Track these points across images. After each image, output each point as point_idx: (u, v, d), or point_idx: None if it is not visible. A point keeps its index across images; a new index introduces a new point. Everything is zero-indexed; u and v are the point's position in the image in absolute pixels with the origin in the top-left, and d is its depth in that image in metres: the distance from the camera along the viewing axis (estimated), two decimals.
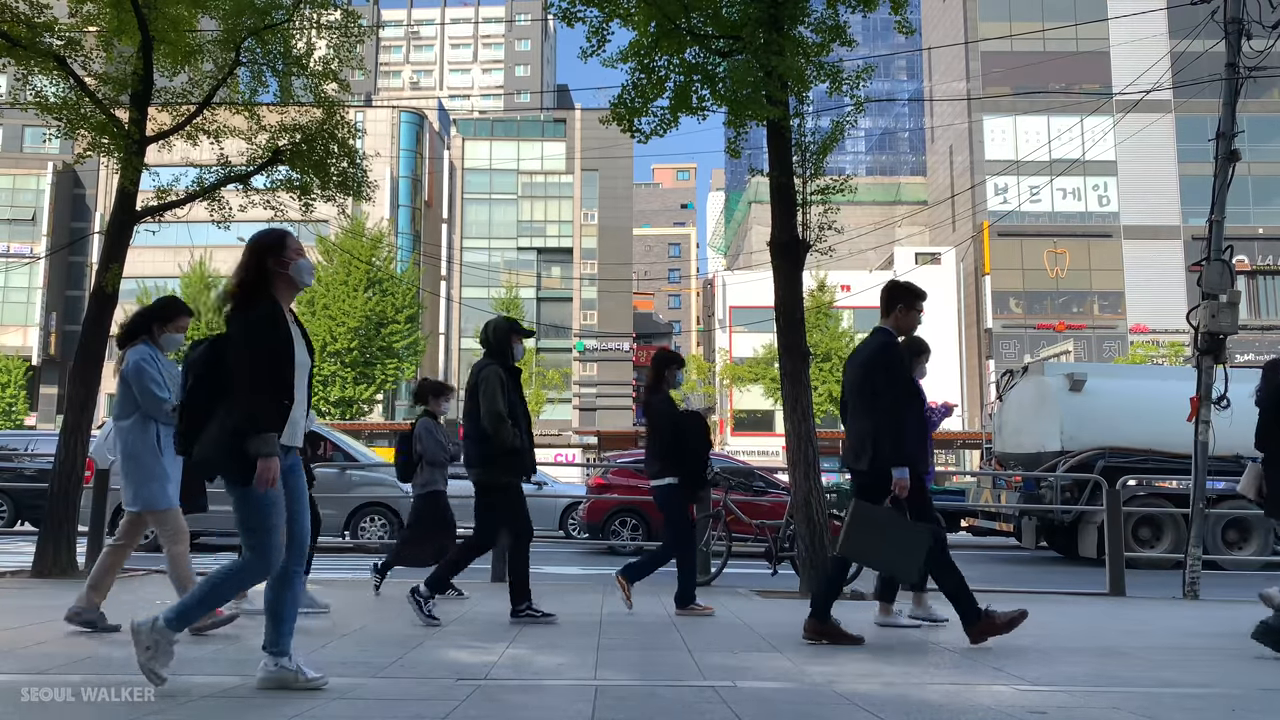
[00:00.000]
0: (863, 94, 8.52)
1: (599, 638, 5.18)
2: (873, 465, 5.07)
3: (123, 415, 5.03)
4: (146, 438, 4.99)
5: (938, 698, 3.77)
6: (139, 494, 4.99)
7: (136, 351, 5.05)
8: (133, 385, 4.97)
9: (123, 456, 5.02)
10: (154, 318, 5.20)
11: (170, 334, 5.22)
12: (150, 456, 4.99)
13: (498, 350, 5.90)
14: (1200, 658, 4.97)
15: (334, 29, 9.53)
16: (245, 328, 3.61)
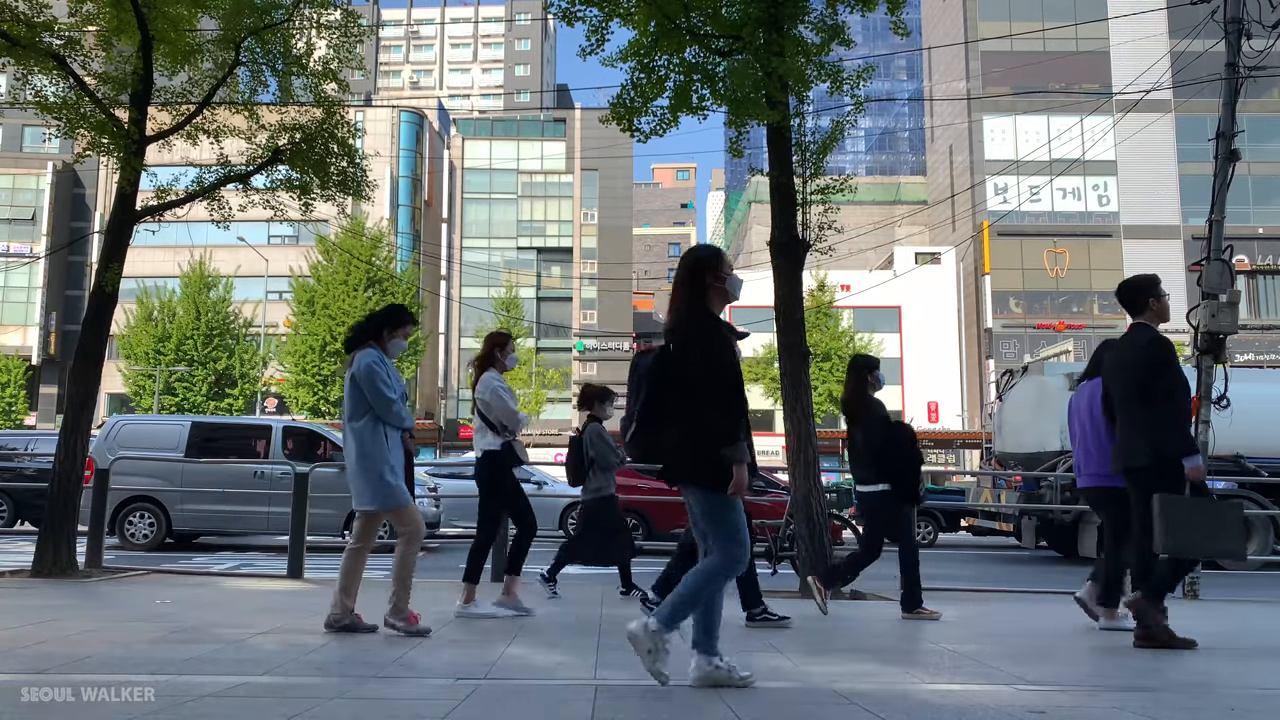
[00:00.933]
0: (863, 94, 8.52)
1: (599, 637, 5.17)
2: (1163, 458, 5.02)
3: (355, 416, 5.13)
4: (378, 437, 5.10)
5: (938, 698, 3.77)
6: (376, 493, 5.07)
7: (366, 355, 5.17)
8: (364, 387, 5.08)
9: (356, 456, 5.11)
10: (384, 323, 5.34)
11: (397, 340, 5.36)
12: (382, 456, 5.09)
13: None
14: (1200, 657, 4.97)
15: (334, 29, 9.53)
16: (716, 343, 3.79)
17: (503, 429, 6.22)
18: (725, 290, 3.93)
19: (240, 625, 5.42)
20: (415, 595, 5.27)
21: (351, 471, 5.15)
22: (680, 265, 3.97)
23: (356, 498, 5.17)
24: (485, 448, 6.25)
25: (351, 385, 5.13)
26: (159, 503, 12.62)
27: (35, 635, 4.91)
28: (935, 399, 47.45)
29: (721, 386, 3.73)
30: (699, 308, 3.86)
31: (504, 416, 6.18)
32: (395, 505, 5.10)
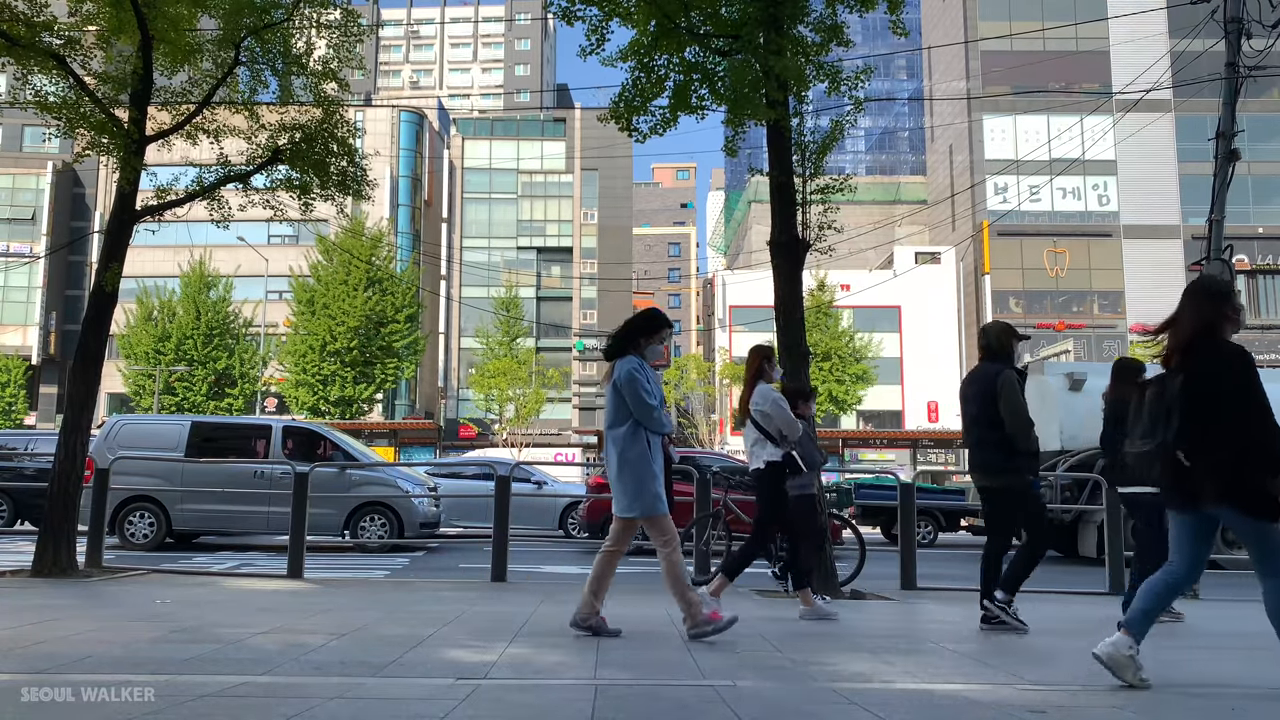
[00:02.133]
0: (862, 94, 8.51)
1: (599, 638, 5.17)
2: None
3: (616, 423, 5.15)
4: (639, 444, 5.12)
5: (937, 698, 3.77)
6: (637, 500, 5.08)
7: (627, 362, 5.18)
8: (625, 394, 5.10)
9: (617, 463, 5.12)
10: (641, 330, 5.33)
11: (654, 345, 5.35)
12: (645, 463, 5.11)
13: (1003, 353, 5.98)
14: (1200, 657, 4.97)
15: (333, 28, 9.53)
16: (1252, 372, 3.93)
17: (783, 439, 6.30)
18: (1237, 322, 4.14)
19: (240, 625, 5.42)
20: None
21: (612, 477, 5.17)
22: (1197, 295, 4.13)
23: (616, 503, 5.17)
24: (768, 459, 6.33)
25: (613, 392, 5.15)
26: (159, 502, 12.62)
27: (35, 635, 4.91)
28: (935, 399, 47.44)
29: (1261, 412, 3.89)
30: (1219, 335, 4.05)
31: (785, 427, 6.27)
32: (654, 513, 5.09)
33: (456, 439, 45.95)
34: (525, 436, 41.82)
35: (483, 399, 42.55)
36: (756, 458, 6.38)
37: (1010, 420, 5.67)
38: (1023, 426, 5.67)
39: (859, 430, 44.48)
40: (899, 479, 9.62)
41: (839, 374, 40.76)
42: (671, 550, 5.12)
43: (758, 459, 6.36)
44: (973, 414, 5.90)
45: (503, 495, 8.56)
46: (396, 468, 16.86)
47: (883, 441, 42.43)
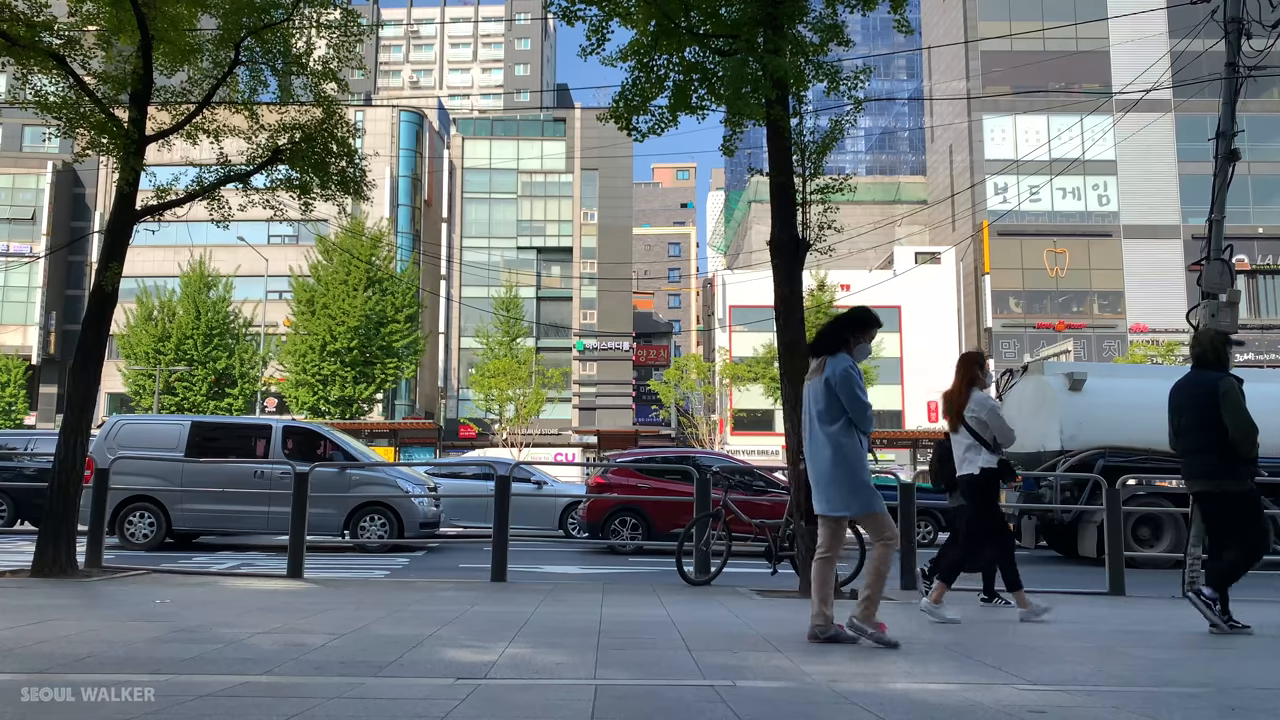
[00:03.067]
0: (861, 94, 8.51)
1: (599, 637, 5.17)
2: None
3: (829, 421, 5.13)
4: (853, 442, 5.11)
5: (937, 698, 3.77)
6: (854, 497, 5.07)
7: (841, 360, 5.17)
8: (840, 392, 5.09)
9: (831, 462, 5.10)
10: (851, 329, 5.35)
11: (864, 344, 5.38)
12: (861, 461, 5.11)
13: (1217, 360, 6.12)
14: (1200, 657, 4.97)
15: (333, 28, 9.53)
16: None
17: (997, 446, 6.37)
18: None
19: (240, 625, 5.42)
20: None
21: (825, 477, 5.12)
22: None
23: (828, 503, 5.13)
24: (983, 465, 6.43)
25: (826, 390, 5.12)
26: (159, 502, 12.62)
27: (35, 635, 4.91)
28: (935, 399, 47.33)
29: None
30: None
31: (1000, 434, 6.40)
32: (872, 510, 5.07)
33: (456, 439, 45.96)
34: (525, 436, 41.83)
35: (483, 399, 42.55)
36: (970, 464, 6.48)
37: (1234, 427, 5.79)
38: (1246, 433, 5.79)
39: None
40: (899, 479, 9.61)
41: None
42: (886, 547, 5.09)
43: (971, 465, 6.46)
44: (1188, 422, 6.01)
45: (503, 495, 8.56)
46: (396, 468, 16.86)
47: (883, 441, 42.46)
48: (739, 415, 47.75)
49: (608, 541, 13.27)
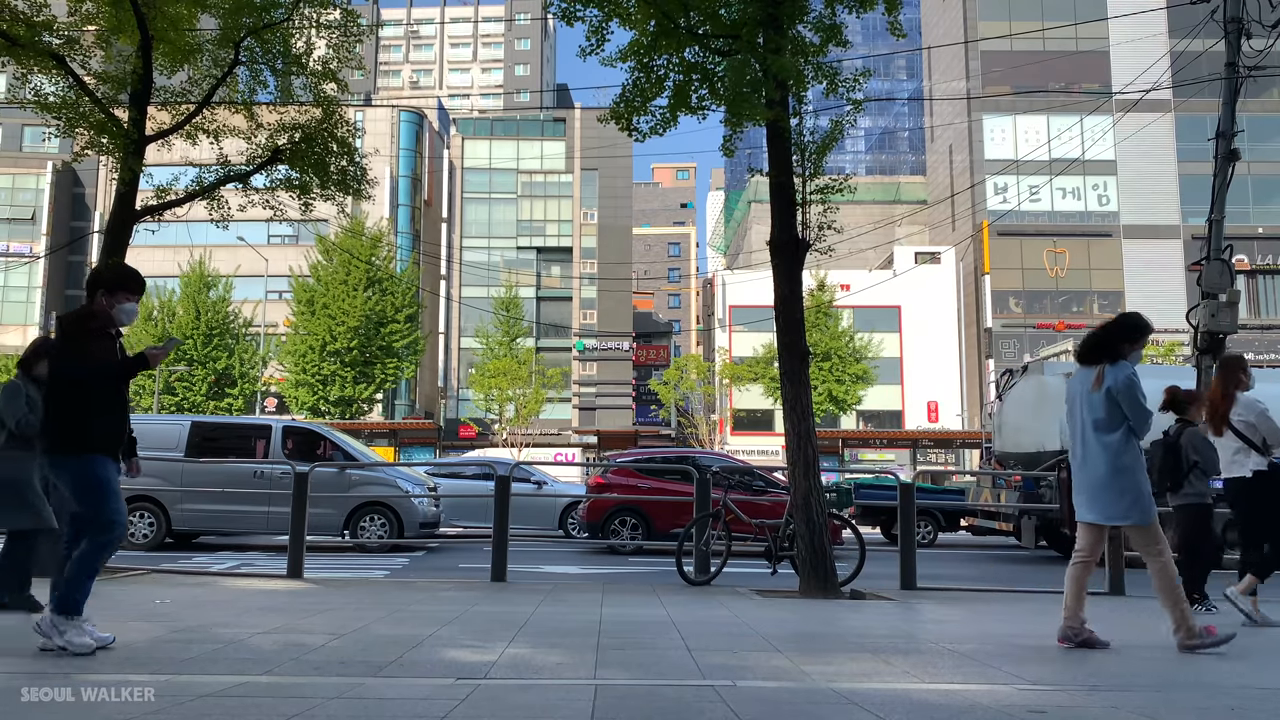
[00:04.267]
0: (861, 95, 8.51)
1: (599, 637, 5.17)
2: None
3: (1109, 429, 5.10)
4: (1133, 450, 5.08)
5: (938, 697, 3.77)
6: (1135, 507, 5.03)
7: (1123, 368, 5.12)
8: (1123, 401, 5.05)
9: (1110, 470, 5.06)
10: (1125, 337, 5.24)
11: (1136, 351, 5.28)
12: (1142, 470, 5.08)
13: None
14: (1200, 657, 4.97)
15: (333, 28, 9.54)
16: None
17: (1268, 448, 6.38)
18: None
19: (240, 625, 5.42)
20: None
21: (1101, 484, 5.10)
22: None
23: (1102, 510, 5.10)
24: (1254, 467, 6.42)
25: (1107, 399, 5.08)
26: (159, 502, 12.62)
27: (35, 635, 4.90)
28: (935, 399, 47.45)
29: None
30: None
31: (1270, 435, 6.40)
32: (1150, 521, 5.05)
33: (456, 439, 45.95)
34: (525, 436, 41.82)
35: (483, 399, 42.55)
36: (1240, 466, 6.47)
37: None
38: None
39: (859, 430, 44.50)
40: (899, 479, 9.62)
41: (839, 374, 40.75)
42: (1166, 559, 5.05)
43: (1241, 468, 6.46)
44: None
45: (503, 495, 8.56)
46: (396, 468, 16.85)
47: (883, 441, 42.45)
48: (739, 415, 47.74)
49: (608, 541, 13.27)
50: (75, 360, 4.47)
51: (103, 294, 4.58)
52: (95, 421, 4.48)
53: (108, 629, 4.65)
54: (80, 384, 4.47)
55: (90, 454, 4.46)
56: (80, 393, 4.47)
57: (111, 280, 4.62)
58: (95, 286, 4.61)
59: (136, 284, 4.68)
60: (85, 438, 4.47)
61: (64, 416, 4.46)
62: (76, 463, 4.45)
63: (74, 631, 4.37)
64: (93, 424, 4.48)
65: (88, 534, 4.48)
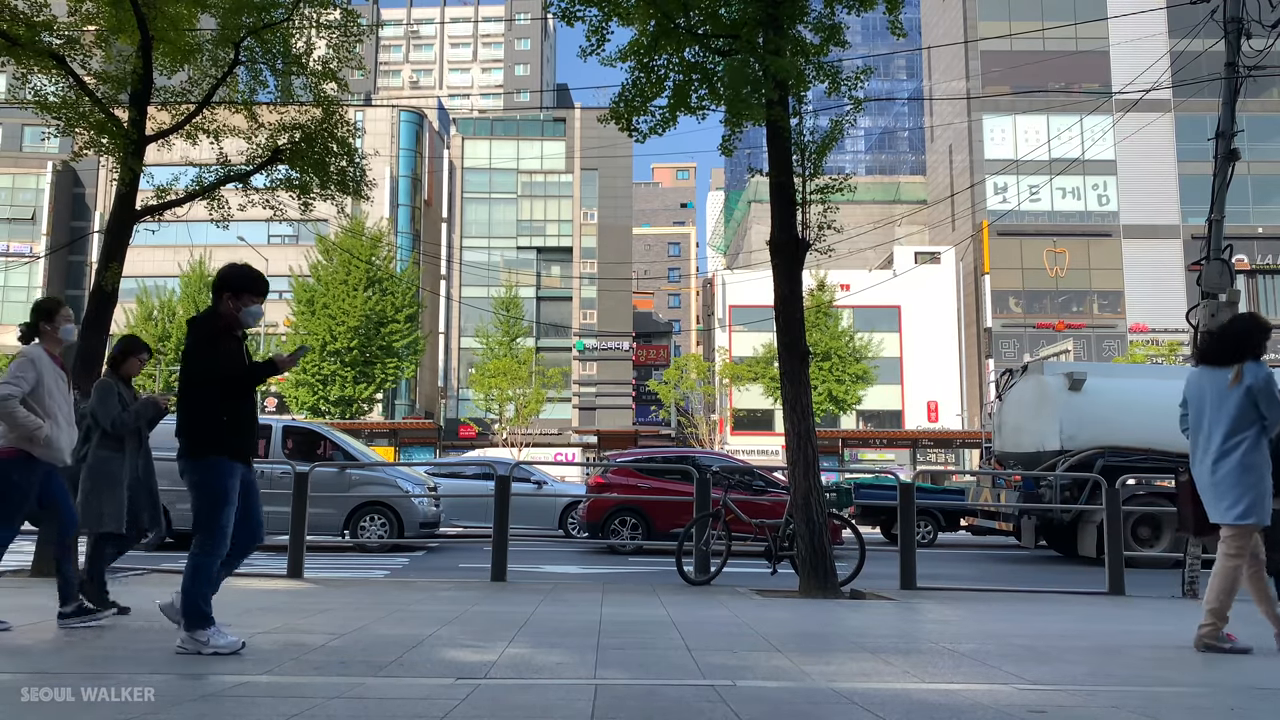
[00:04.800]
0: (861, 94, 8.51)
1: (599, 637, 5.17)
2: None
3: (1241, 428, 5.06)
4: (1262, 451, 5.04)
5: (937, 697, 3.77)
6: (1256, 507, 5.00)
7: (1260, 368, 5.07)
8: (1263, 401, 5.02)
9: (1239, 467, 5.03)
10: (1263, 334, 5.21)
11: (1263, 349, 5.23)
12: (1268, 471, 5.04)
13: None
14: (1200, 657, 4.97)
15: (333, 28, 9.54)
16: None
17: None
18: None
19: (240, 625, 5.42)
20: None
21: (1230, 481, 5.06)
22: None
23: (1229, 510, 5.04)
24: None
25: (1245, 396, 5.04)
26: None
27: (35, 635, 4.91)
28: (935, 398, 47.45)
29: None
30: None
31: None
32: (1263, 523, 5.01)
33: (456, 439, 45.95)
34: (525, 436, 41.82)
35: (483, 399, 42.55)
36: None
37: None
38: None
39: (859, 430, 44.50)
40: (899, 479, 9.62)
41: (839, 374, 40.75)
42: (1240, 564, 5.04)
43: None
44: None
45: (503, 495, 8.56)
46: (396, 468, 16.85)
47: (882, 441, 42.45)
48: (739, 415, 47.75)
49: (608, 541, 13.27)
50: (208, 362, 4.46)
51: (229, 296, 4.59)
52: (227, 424, 4.47)
53: (108, 629, 4.65)
54: (212, 386, 4.46)
55: (220, 457, 4.45)
56: (212, 395, 4.46)
57: (238, 282, 4.63)
58: (222, 288, 4.61)
59: (262, 286, 4.69)
60: (217, 441, 4.46)
61: (196, 419, 4.47)
62: (203, 465, 4.45)
63: (214, 635, 4.41)
64: (224, 427, 4.46)
65: (197, 539, 4.48)
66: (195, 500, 4.46)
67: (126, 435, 5.80)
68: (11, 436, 5.06)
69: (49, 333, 5.18)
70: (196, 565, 4.42)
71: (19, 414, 4.96)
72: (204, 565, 4.43)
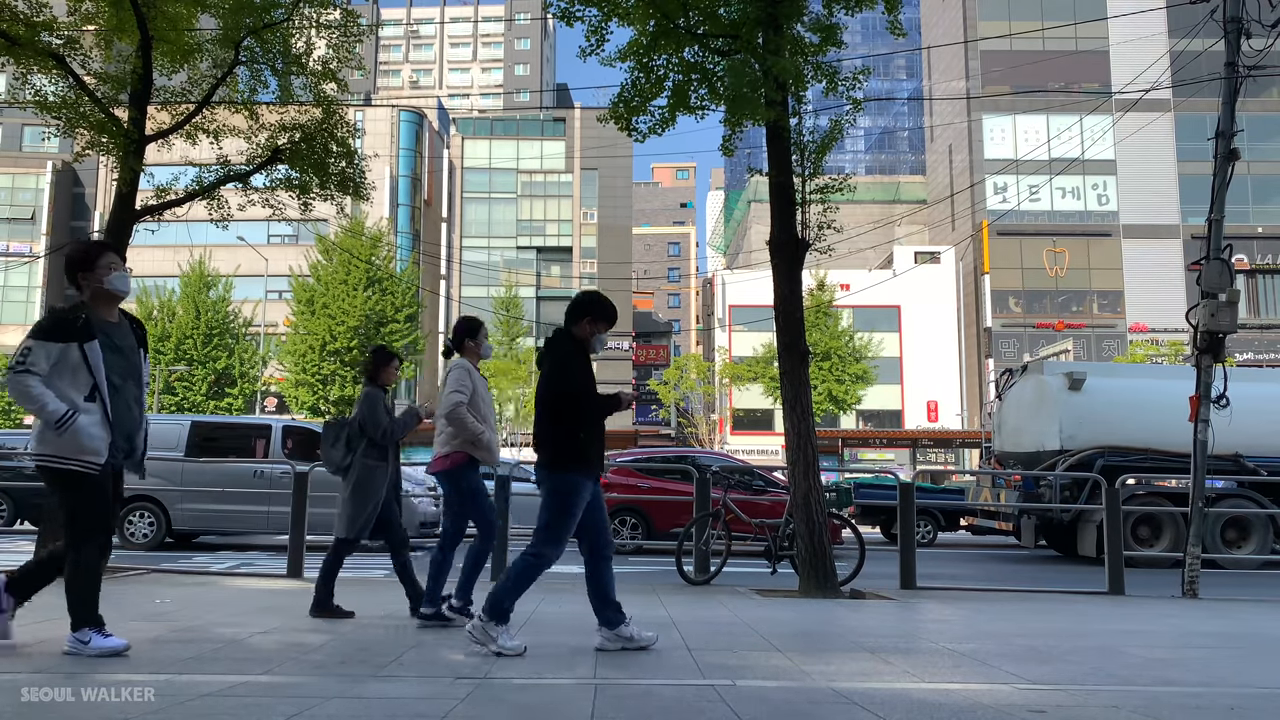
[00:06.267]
0: (860, 94, 8.51)
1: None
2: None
3: None
4: None
5: (937, 697, 3.77)
6: None
7: None
8: None
9: None
10: None
11: None
12: None
13: None
14: (1200, 657, 4.97)
15: (333, 28, 9.53)
16: None
17: None
18: None
19: (240, 625, 5.42)
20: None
21: None
22: None
23: None
24: None
25: None
26: (159, 502, 12.62)
27: (35, 635, 4.90)
28: (935, 398, 47.46)
29: None
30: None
31: None
32: None
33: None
34: (525, 436, 41.82)
35: None
36: None
37: None
38: None
39: (859, 430, 44.51)
40: (898, 478, 9.62)
41: (839, 374, 40.75)
42: None
43: None
44: None
45: (503, 495, 8.57)
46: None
47: (882, 441, 42.46)
48: (739, 415, 47.75)
49: None
50: (572, 379, 4.67)
51: (588, 321, 4.84)
52: (583, 442, 4.67)
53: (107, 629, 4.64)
54: (573, 404, 4.67)
55: (576, 474, 4.66)
56: (573, 412, 4.67)
57: (599, 311, 4.89)
58: (583, 313, 4.87)
59: (615, 319, 4.95)
60: (575, 457, 4.67)
61: (559, 435, 4.67)
62: (560, 479, 4.66)
63: (504, 636, 4.63)
64: (581, 444, 4.67)
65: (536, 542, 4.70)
66: (545, 507, 4.70)
67: (389, 445, 5.99)
68: (456, 442, 5.50)
69: (471, 349, 5.63)
70: (525, 565, 4.68)
71: (468, 419, 5.41)
72: (532, 566, 4.69)
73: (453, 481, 5.61)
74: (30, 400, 4.19)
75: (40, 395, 4.17)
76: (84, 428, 4.21)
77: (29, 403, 4.18)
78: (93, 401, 4.24)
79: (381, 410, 5.96)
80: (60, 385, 4.21)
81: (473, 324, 5.82)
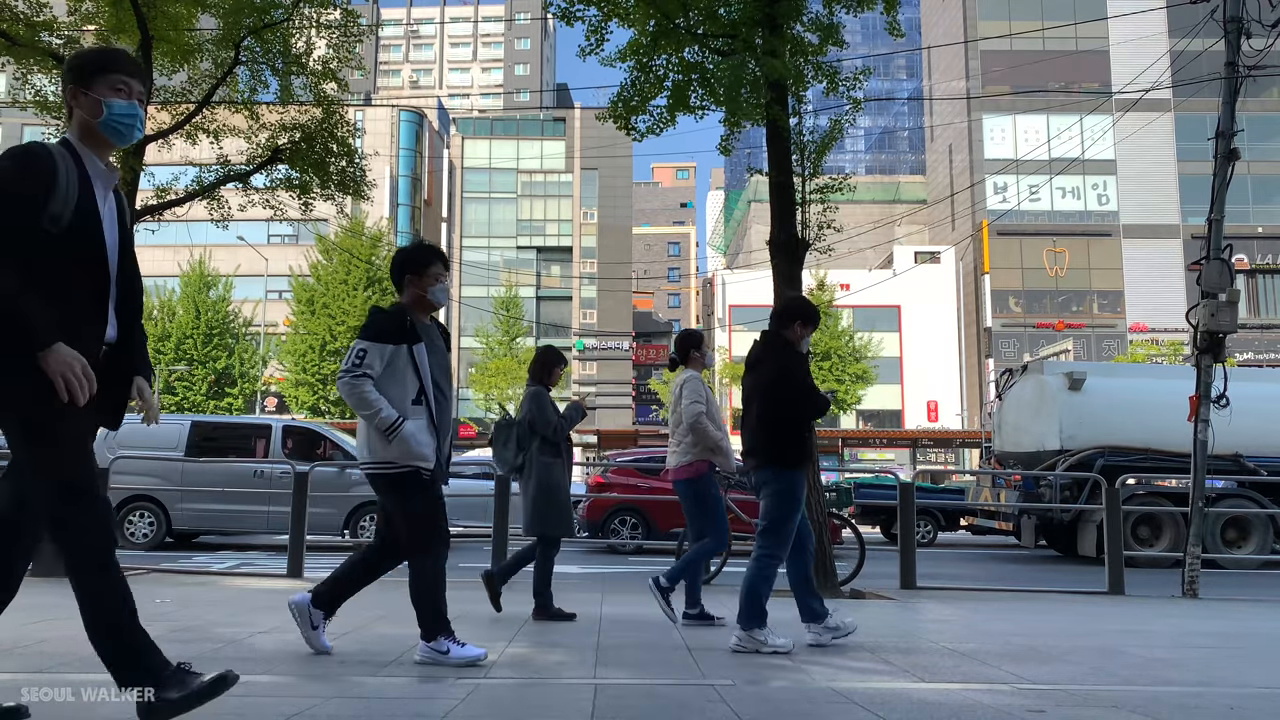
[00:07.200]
0: (860, 94, 8.52)
1: (599, 637, 5.17)
2: None
3: None
4: None
5: (937, 697, 3.77)
6: None
7: None
8: None
9: None
10: None
11: None
12: None
13: None
14: (1199, 657, 4.97)
15: (333, 28, 9.55)
16: None
17: None
18: None
19: (240, 624, 5.42)
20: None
21: None
22: None
23: None
24: None
25: None
26: (159, 502, 12.62)
27: (36, 634, 4.91)
28: (935, 398, 47.45)
29: None
30: None
31: None
32: None
33: (457, 439, 45.96)
34: None
35: (483, 398, 42.58)
36: None
37: None
38: None
39: (859, 430, 44.51)
40: (898, 478, 9.62)
41: (839, 373, 40.75)
42: None
43: None
44: None
45: (502, 495, 8.57)
46: None
47: (882, 441, 42.47)
48: (739, 415, 47.73)
49: (608, 541, 13.28)
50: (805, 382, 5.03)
51: (800, 324, 5.18)
52: (807, 440, 4.93)
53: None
54: (798, 405, 4.95)
55: (802, 471, 4.86)
56: (797, 411, 4.95)
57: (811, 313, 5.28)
58: (793, 317, 5.20)
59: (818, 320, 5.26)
60: (802, 455, 4.90)
61: (790, 433, 4.91)
62: (789, 475, 4.82)
63: (770, 635, 4.72)
64: (806, 442, 4.93)
65: (765, 541, 4.79)
66: (772, 506, 4.80)
67: (561, 441, 6.04)
68: (696, 450, 5.71)
69: (696, 359, 6.02)
70: (761, 565, 4.76)
71: (709, 428, 5.65)
72: (768, 564, 4.77)
73: (694, 489, 5.72)
74: (365, 405, 4.07)
75: (375, 400, 4.06)
76: (413, 434, 4.11)
77: (364, 408, 4.06)
78: (419, 404, 4.16)
79: (550, 408, 6.01)
80: (385, 386, 4.12)
81: (696, 336, 6.11)
